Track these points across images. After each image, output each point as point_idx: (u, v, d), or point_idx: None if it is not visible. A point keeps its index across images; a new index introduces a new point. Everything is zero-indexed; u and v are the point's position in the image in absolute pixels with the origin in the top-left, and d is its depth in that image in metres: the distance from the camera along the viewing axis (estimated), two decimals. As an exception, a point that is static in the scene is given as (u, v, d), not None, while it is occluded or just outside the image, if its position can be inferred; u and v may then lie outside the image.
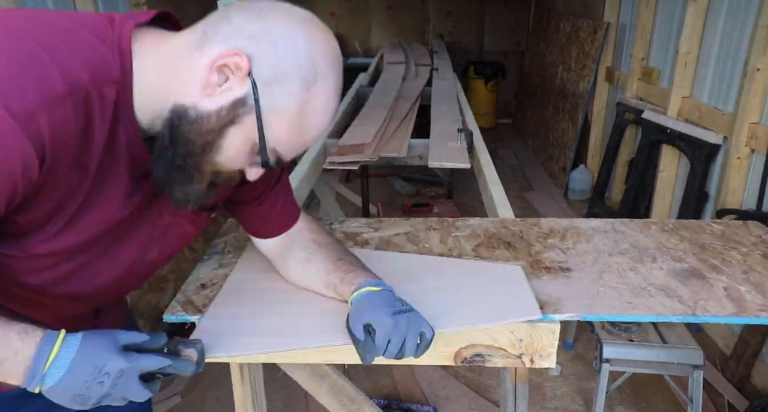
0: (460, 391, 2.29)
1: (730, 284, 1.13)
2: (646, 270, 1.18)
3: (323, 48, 0.72)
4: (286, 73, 0.69)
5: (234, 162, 0.75)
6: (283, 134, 0.73)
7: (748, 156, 2.46)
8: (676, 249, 1.28)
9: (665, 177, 3.20)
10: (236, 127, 0.71)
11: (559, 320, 1.00)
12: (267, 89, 0.69)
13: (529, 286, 1.07)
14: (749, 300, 1.07)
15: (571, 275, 1.15)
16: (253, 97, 0.69)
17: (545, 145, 5.30)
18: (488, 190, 1.70)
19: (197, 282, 1.10)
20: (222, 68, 0.68)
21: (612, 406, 2.21)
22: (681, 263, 1.21)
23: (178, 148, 0.72)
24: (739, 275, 1.17)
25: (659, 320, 1.04)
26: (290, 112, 0.71)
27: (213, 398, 2.23)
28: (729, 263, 1.22)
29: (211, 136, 0.71)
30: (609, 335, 1.89)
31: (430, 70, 4.10)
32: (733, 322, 1.05)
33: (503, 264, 1.17)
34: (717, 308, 1.04)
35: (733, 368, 2.28)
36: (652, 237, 1.34)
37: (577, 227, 1.39)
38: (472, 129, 2.30)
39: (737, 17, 2.61)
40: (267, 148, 0.73)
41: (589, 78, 4.36)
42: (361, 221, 1.40)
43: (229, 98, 0.69)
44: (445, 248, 1.26)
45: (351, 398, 1.18)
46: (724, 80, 2.71)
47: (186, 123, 0.70)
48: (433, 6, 6.87)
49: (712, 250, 1.28)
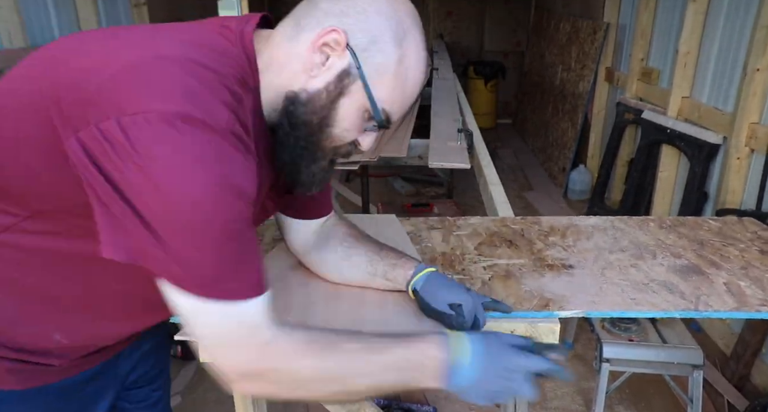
0: (460, 391, 2.29)
1: (729, 279, 1.14)
2: (647, 266, 1.19)
3: (405, 7, 0.78)
4: (380, 36, 0.74)
5: (349, 133, 0.79)
6: (389, 92, 0.77)
7: (748, 156, 2.46)
8: (675, 246, 1.29)
9: (665, 177, 3.20)
10: (346, 97, 0.75)
11: (565, 316, 1.00)
12: (366, 55, 0.74)
13: None
14: (749, 295, 1.08)
15: (574, 272, 1.16)
16: (355, 65, 0.74)
17: (545, 145, 5.30)
18: (488, 190, 1.71)
19: None
20: (322, 47, 0.74)
21: (612, 406, 2.21)
22: (680, 260, 1.22)
23: (299, 132, 0.77)
24: (738, 270, 1.18)
25: (662, 316, 1.05)
26: (391, 69, 0.76)
27: (213, 398, 2.23)
28: (727, 258, 1.23)
29: (326, 112, 0.76)
30: (609, 334, 1.89)
31: (431, 70, 4.10)
32: (735, 317, 1.06)
33: None
34: (719, 303, 1.05)
35: (733, 368, 2.28)
36: (651, 234, 1.35)
37: (576, 225, 1.40)
38: (472, 129, 2.31)
39: (737, 17, 2.62)
40: (378, 109, 0.77)
41: (588, 78, 4.36)
42: None
43: (334, 73, 0.75)
44: (447, 246, 1.26)
45: (351, 398, 1.18)
46: (723, 80, 2.71)
47: (300, 106, 0.76)
48: (433, 6, 6.87)
49: (711, 246, 1.29)
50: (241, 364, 0.71)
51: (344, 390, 0.77)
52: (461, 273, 1.14)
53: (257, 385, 0.73)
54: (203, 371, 2.34)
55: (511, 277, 1.13)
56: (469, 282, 1.10)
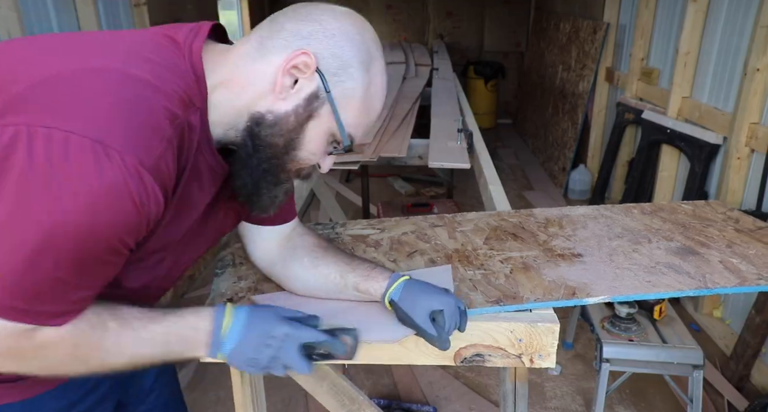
0: (460, 391, 2.29)
1: (722, 257, 1.21)
2: (646, 251, 1.23)
3: (369, 34, 0.79)
4: (349, 61, 0.75)
5: (314, 155, 0.80)
6: (356, 117, 0.79)
7: (748, 156, 2.46)
8: (663, 230, 1.36)
9: (665, 177, 3.20)
10: (314, 120, 0.76)
11: (592, 303, 1.05)
12: (335, 79, 0.75)
13: None
14: (745, 271, 1.15)
15: (585, 260, 1.19)
16: (324, 89, 0.75)
17: (545, 145, 5.30)
18: (488, 190, 1.71)
19: (222, 297, 1.06)
20: (292, 70, 0.73)
21: (612, 406, 2.21)
22: (673, 242, 1.28)
23: (263, 153, 0.77)
24: (725, 248, 1.26)
25: (680, 295, 1.09)
26: (358, 95, 0.77)
27: (213, 398, 2.23)
28: (711, 238, 1.31)
29: (294, 135, 0.76)
30: (609, 334, 1.89)
31: (430, 70, 4.10)
32: (741, 291, 1.11)
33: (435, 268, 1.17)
34: (723, 280, 1.10)
35: (733, 368, 2.28)
36: (638, 220, 1.41)
37: (568, 214, 1.45)
38: (472, 129, 2.30)
39: (737, 17, 2.62)
40: (345, 133, 0.78)
41: (589, 78, 4.36)
42: (363, 223, 1.40)
43: (303, 96, 0.75)
44: (457, 243, 1.26)
45: (351, 398, 1.18)
46: (723, 80, 2.71)
47: (266, 128, 0.75)
48: (433, 6, 6.87)
49: (693, 228, 1.37)
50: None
51: (108, 368, 0.76)
52: (481, 268, 1.14)
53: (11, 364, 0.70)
54: (203, 371, 2.34)
55: (530, 268, 1.14)
56: (492, 276, 1.11)
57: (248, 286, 1.10)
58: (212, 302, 1.05)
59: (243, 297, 1.06)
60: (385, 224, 1.39)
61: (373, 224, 1.39)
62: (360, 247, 1.26)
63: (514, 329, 0.97)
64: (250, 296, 1.06)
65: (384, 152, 2.04)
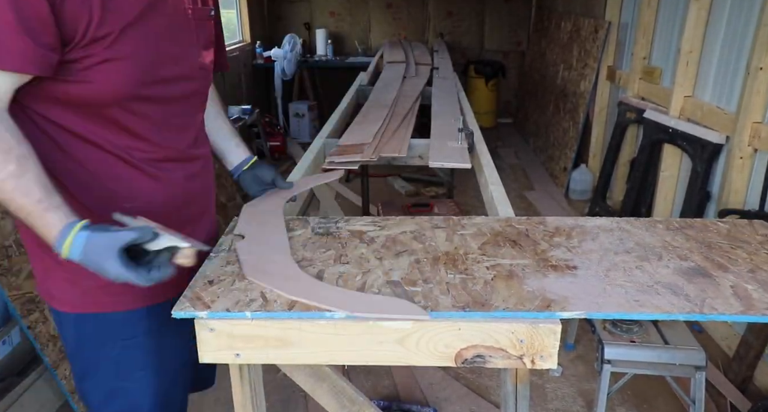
0: (461, 392, 2.28)
1: (736, 282, 1.12)
2: (652, 268, 1.17)
3: None
4: None
5: None
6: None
7: (751, 156, 2.45)
8: (682, 248, 1.27)
9: (667, 177, 3.18)
10: None
11: (567, 317, 0.99)
12: None
13: None
14: (756, 298, 1.06)
15: (578, 273, 1.14)
16: None
17: (546, 144, 5.29)
18: (488, 190, 1.69)
19: (205, 279, 1.08)
20: None
21: (613, 407, 2.20)
22: (687, 262, 1.20)
23: None
24: (746, 273, 1.16)
25: (665, 318, 1.03)
26: None
27: (212, 398, 2.22)
28: (735, 261, 1.21)
29: None
30: (610, 335, 1.88)
31: (431, 70, 4.09)
32: (740, 320, 1.04)
33: None
34: (724, 306, 1.03)
35: (736, 369, 2.27)
36: (658, 236, 1.33)
37: (582, 225, 1.38)
38: (472, 129, 2.29)
39: (740, 16, 2.60)
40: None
41: (590, 77, 4.35)
42: (367, 220, 1.39)
43: None
44: (451, 246, 1.25)
45: (351, 400, 1.17)
46: (726, 79, 2.70)
47: None
48: (433, 5, 6.86)
49: (719, 249, 1.27)
50: None
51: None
52: (464, 273, 1.12)
53: None
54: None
55: (514, 277, 1.11)
56: (471, 282, 1.09)
57: (233, 271, 1.11)
58: (195, 283, 1.07)
59: (224, 280, 1.08)
60: (389, 222, 1.38)
61: (376, 222, 1.38)
62: (353, 242, 1.24)
63: (516, 329, 0.96)
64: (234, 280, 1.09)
65: (384, 152, 2.03)
